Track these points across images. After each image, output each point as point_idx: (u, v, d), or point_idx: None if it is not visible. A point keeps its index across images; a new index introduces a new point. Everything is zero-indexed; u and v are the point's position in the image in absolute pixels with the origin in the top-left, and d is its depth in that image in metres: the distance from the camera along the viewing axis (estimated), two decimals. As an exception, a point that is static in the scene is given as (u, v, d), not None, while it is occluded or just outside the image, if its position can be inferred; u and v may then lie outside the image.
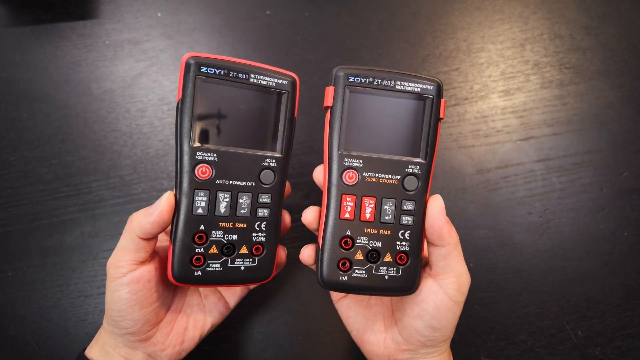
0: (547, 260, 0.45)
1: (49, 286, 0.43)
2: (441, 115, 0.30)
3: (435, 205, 0.30)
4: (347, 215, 0.30)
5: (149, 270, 0.30)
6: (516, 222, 0.46)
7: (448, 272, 0.30)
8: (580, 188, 0.47)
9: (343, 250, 0.30)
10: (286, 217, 0.35)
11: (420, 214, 0.30)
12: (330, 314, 0.42)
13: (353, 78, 0.30)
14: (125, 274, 0.29)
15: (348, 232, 0.30)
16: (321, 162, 0.33)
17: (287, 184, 0.35)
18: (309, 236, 0.44)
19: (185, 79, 0.28)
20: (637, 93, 0.50)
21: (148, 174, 0.46)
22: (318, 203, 0.33)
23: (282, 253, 0.34)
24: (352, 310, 0.34)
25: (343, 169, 0.30)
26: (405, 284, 0.31)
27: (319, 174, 0.33)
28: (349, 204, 0.30)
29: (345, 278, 0.30)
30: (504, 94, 0.50)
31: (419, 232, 0.31)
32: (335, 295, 0.36)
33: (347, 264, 0.30)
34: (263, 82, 0.30)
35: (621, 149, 0.48)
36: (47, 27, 0.51)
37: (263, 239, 0.31)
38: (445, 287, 0.30)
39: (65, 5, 0.52)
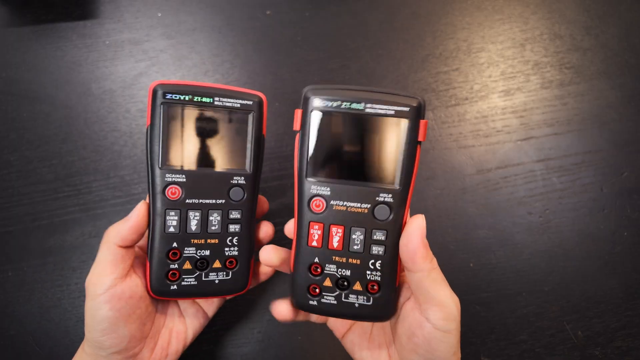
0: (547, 260, 0.45)
1: (49, 286, 0.43)
2: (420, 138, 0.27)
3: (413, 225, 0.27)
4: (314, 243, 0.29)
5: (130, 287, 0.30)
6: (516, 222, 0.46)
7: (429, 301, 0.27)
8: (581, 188, 0.47)
9: (312, 277, 0.30)
10: (269, 229, 0.35)
11: (393, 243, 0.29)
12: (330, 314, 0.42)
13: (320, 101, 0.27)
14: (106, 290, 0.29)
15: (316, 260, 0.30)
16: None
17: (264, 201, 0.37)
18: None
19: (153, 106, 0.30)
20: (638, 93, 0.50)
21: (148, 174, 0.46)
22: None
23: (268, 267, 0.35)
24: (356, 346, 0.34)
25: (310, 197, 0.29)
26: (377, 312, 0.30)
27: (289, 229, 0.32)
28: (316, 232, 0.29)
29: (315, 303, 0.30)
30: (504, 94, 0.50)
31: (391, 261, 0.29)
32: (338, 332, 0.35)
33: (317, 290, 0.30)
34: (228, 104, 0.31)
35: (621, 149, 0.48)
36: (48, 27, 0.51)
37: (236, 253, 0.33)
38: (431, 318, 0.27)
39: (65, 5, 0.52)
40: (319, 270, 0.30)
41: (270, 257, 0.31)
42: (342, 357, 0.41)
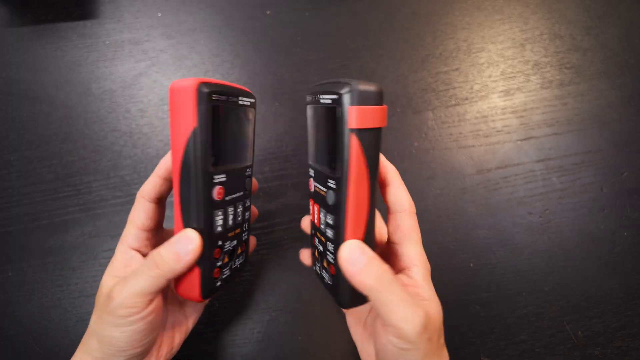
0: (547, 260, 0.45)
1: (49, 286, 0.43)
2: (351, 125, 0.26)
3: (343, 255, 0.27)
4: (311, 217, 0.33)
5: (160, 299, 0.29)
6: (516, 222, 0.46)
7: (384, 319, 0.26)
8: (581, 188, 0.47)
9: (313, 246, 0.34)
10: (254, 210, 0.39)
11: (340, 231, 0.28)
12: (330, 314, 0.42)
13: (307, 97, 0.32)
14: (142, 310, 0.27)
15: (313, 232, 0.33)
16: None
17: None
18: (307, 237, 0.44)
19: (200, 106, 0.27)
20: (638, 93, 0.50)
21: (148, 174, 0.46)
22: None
23: (252, 241, 0.38)
24: (352, 328, 0.34)
25: (308, 178, 0.33)
26: (336, 296, 0.29)
27: (305, 224, 0.36)
28: (311, 207, 0.33)
29: (315, 269, 0.34)
30: (504, 94, 0.50)
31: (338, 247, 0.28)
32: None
33: (317, 258, 0.33)
34: (245, 103, 0.33)
35: (621, 149, 0.48)
36: (48, 27, 0.51)
37: (247, 236, 0.35)
38: (387, 334, 0.26)
39: (65, 5, 0.52)
40: (315, 241, 0.33)
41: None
42: (342, 357, 0.41)
